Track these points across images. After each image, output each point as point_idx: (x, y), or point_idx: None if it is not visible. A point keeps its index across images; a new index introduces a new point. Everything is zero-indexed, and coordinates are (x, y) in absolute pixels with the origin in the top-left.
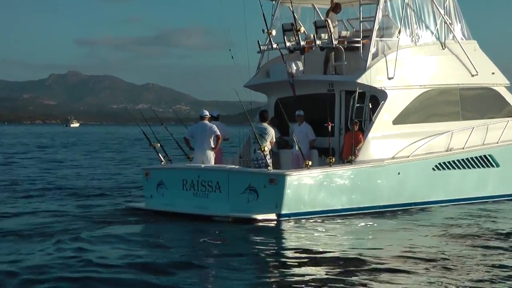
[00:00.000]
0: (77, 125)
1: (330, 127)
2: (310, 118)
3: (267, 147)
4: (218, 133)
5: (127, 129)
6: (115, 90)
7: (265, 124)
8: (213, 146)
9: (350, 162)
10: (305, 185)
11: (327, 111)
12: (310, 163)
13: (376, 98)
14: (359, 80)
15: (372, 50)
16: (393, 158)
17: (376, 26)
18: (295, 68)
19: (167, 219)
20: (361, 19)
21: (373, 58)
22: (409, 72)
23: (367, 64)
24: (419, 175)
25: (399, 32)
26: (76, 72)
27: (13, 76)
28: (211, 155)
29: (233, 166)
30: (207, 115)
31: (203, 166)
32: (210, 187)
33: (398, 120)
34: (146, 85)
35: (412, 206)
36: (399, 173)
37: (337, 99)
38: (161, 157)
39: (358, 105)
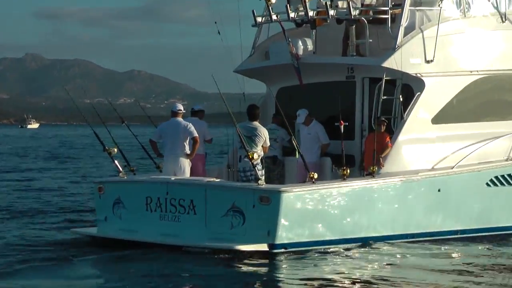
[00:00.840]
0: (36, 125)
1: (342, 126)
2: (324, 115)
3: (257, 153)
4: (195, 134)
5: (104, 130)
6: (88, 79)
7: (255, 123)
8: (188, 152)
9: (371, 174)
10: (308, 205)
11: (345, 105)
12: (315, 175)
13: (409, 88)
14: (385, 64)
15: (404, 23)
16: (432, 169)
17: None
18: (302, 47)
19: (124, 252)
20: None
21: (405, 34)
22: (455, 53)
23: (397, 42)
24: (468, 192)
25: (442, 0)
26: (37, 55)
27: None
28: (186, 163)
29: (212, 179)
30: (180, 110)
31: (173, 179)
32: (182, 208)
33: (440, 118)
34: (129, 72)
35: (458, 234)
36: (439, 190)
37: (358, 89)
38: (119, 167)
39: (385, 97)
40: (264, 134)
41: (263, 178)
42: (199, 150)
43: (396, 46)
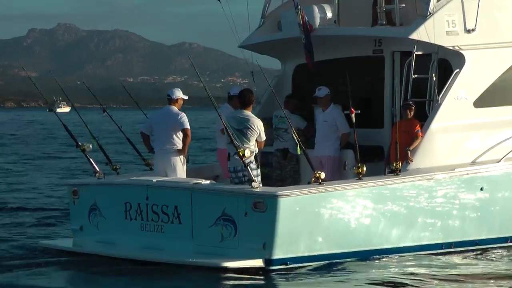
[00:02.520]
0: (66, 109)
1: (354, 115)
2: (347, 98)
3: (250, 149)
4: (186, 125)
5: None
6: (130, 54)
7: (247, 113)
8: (180, 147)
9: (394, 171)
10: (314, 212)
11: (372, 85)
12: (322, 175)
13: (447, 64)
14: (413, 35)
15: None
16: (472, 163)
17: None
18: (319, 16)
19: (102, 269)
20: None
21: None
22: (505, 20)
23: (429, 8)
24: None
25: None
26: (70, 26)
27: None
28: (178, 161)
29: (200, 181)
30: (178, 97)
31: (154, 180)
32: (165, 215)
33: (484, 101)
34: (179, 45)
35: (508, 241)
36: (482, 189)
37: (387, 65)
38: (95, 166)
39: (415, 76)
40: (258, 126)
41: (258, 179)
42: None
43: (428, 13)
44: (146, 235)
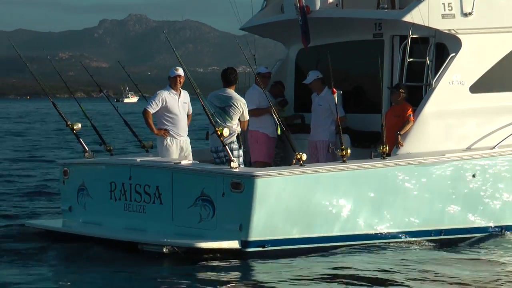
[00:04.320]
0: (134, 99)
1: (335, 95)
2: (348, 82)
3: (230, 128)
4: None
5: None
6: (201, 44)
7: (230, 91)
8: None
9: (381, 155)
10: (293, 193)
11: (372, 69)
12: (304, 156)
13: (444, 48)
14: (407, 18)
15: None
16: (467, 149)
17: None
18: None
19: (88, 252)
20: None
21: None
22: (504, 4)
23: None
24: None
25: None
26: (141, 16)
27: (46, 25)
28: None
29: (182, 161)
30: (180, 74)
31: (138, 160)
32: (147, 195)
33: (481, 86)
34: (249, 35)
35: (503, 231)
36: (474, 175)
37: (386, 49)
38: (84, 145)
39: (410, 60)
40: (240, 104)
41: (241, 159)
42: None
43: None
44: (130, 215)
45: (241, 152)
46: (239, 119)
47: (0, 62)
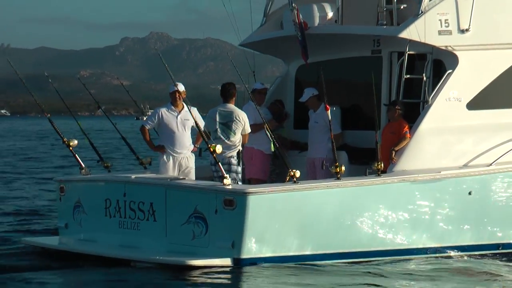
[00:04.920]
0: None
1: (329, 112)
2: (347, 99)
3: (228, 143)
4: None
5: None
6: (222, 62)
7: (231, 106)
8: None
9: (377, 172)
10: (286, 210)
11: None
12: (297, 173)
13: (442, 64)
14: (403, 34)
15: None
16: (463, 166)
17: None
18: (318, 15)
19: (82, 272)
20: None
21: None
22: (502, 20)
23: (421, 7)
24: (509, 196)
25: None
26: (163, 34)
27: (68, 43)
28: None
29: (176, 177)
30: (178, 90)
31: (133, 177)
32: (142, 212)
33: (478, 103)
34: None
35: (500, 248)
36: (470, 193)
37: (385, 66)
38: (81, 162)
39: (407, 76)
40: (242, 117)
41: (239, 176)
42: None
43: (420, 12)
44: (124, 232)
45: (239, 168)
46: (241, 133)
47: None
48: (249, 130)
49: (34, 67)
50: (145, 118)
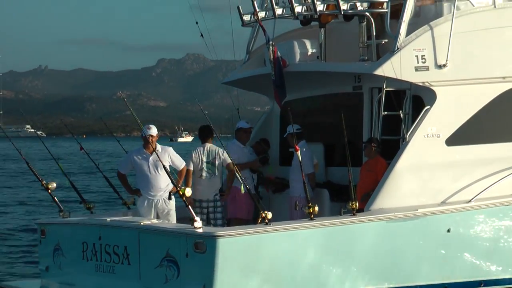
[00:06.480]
0: (189, 139)
1: (299, 153)
2: (329, 136)
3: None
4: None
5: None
6: None
7: (210, 145)
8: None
9: (351, 212)
10: (255, 253)
11: (352, 123)
12: (269, 215)
13: (420, 100)
14: (378, 71)
15: (407, 16)
16: (441, 204)
17: None
18: (298, 51)
19: None
20: None
21: (411, 32)
22: (480, 55)
23: (397, 43)
24: (492, 233)
25: None
26: (199, 56)
27: (105, 64)
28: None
29: (149, 220)
30: (152, 134)
31: (108, 220)
32: (116, 256)
33: (457, 139)
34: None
35: (482, 286)
36: (449, 230)
37: (366, 102)
38: (59, 204)
39: (385, 113)
40: (219, 152)
41: (199, 217)
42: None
43: (396, 48)
44: (100, 276)
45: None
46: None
47: (60, 101)
48: (229, 160)
49: (71, 88)
50: (180, 139)
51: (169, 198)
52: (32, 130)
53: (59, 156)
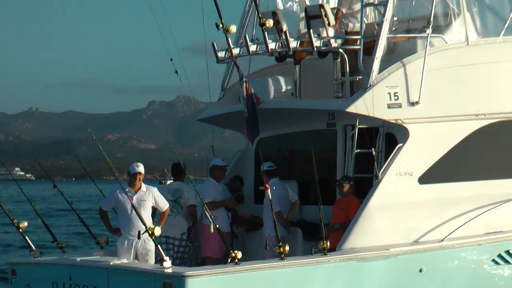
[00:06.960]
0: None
1: (269, 191)
2: (303, 173)
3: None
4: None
5: None
6: None
7: (179, 183)
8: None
9: (322, 251)
10: None
11: (325, 160)
12: (239, 255)
13: (393, 138)
14: (350, 109)
15: (379, 53)
16: (414, 243)
17: (390, 12)
18: (272, 88)
19: None
20: None
21: (385, 68)
22: (454, 92)
23: (369, 80)
24: (465, 272)
25: (428, 25)
26: (189, 98)
27: (96, 107)
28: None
29: (119, 260)
30: (140, 172)
31: (78, 260)
32: None
33: (430, 177)
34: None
35: None
36: (421, 270)
37: (339, 139)
38: (31, 243)
39: (357, 150)
40: (183, 191)
41: (168, 257)
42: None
43: (368, 85)
44: None
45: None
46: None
47: (51, 144)
48: (192, 202)
49: (62, 131)
50: (169, 181)
51: (138, 238)
52: (22, 173)
53: (44, 197)
